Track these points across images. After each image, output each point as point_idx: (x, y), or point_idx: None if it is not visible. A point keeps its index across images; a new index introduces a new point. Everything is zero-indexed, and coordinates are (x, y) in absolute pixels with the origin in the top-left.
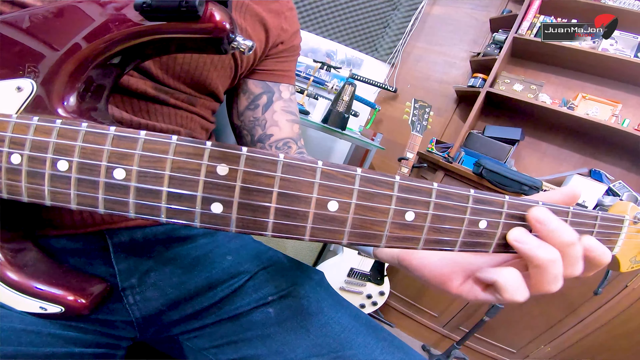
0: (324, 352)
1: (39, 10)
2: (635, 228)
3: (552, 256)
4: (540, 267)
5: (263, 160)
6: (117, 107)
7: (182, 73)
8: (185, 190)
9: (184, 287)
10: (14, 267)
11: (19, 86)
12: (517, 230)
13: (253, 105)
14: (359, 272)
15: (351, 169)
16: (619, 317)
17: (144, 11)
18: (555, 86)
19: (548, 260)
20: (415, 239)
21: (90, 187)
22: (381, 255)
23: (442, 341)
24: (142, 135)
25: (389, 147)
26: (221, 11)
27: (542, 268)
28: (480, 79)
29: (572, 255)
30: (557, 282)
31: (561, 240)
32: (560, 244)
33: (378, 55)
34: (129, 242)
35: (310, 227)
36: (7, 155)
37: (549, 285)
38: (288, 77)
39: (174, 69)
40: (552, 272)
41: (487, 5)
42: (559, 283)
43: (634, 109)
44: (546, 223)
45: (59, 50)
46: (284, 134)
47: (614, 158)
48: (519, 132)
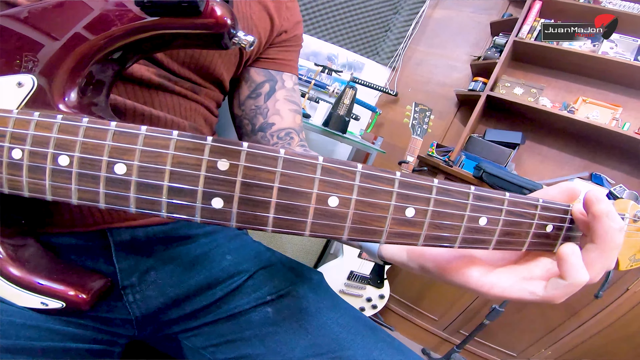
0: (323, 352)
1: (39, 4)
2: (635, 226)
3: (620, 225)
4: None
5: (264, 156)
6: (121, 96)
7: (187, 58)
8: (186, 185)
9: (183, 285)
10: (15, 262)
11: (20, 82)
12: (605, 204)
13: (255, 94)
14: (358, 275)
15: (352, 164)
16: (620, 321)
17: (145, 6)
18: (555, 90)
19: (617, 245)
20: (415, 235)
21: (91, 181)
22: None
23: (442, 345)
24: (142, 130)
25: (390, 150)
26: (222, 6)
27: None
28: (481, 82)
29: (619, 242)
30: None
31: (615, 225)
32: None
33: (379, 58)
34: (130, 241)
35: (310, 223)
36: (8, 150)
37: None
38: (291, 67)
39: (179, 54)
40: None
41: (488, 9)
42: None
43: (634, 112)
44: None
45: (58, 39)
46: (286, 123)
47: (615, 162)
48: (519, 135)
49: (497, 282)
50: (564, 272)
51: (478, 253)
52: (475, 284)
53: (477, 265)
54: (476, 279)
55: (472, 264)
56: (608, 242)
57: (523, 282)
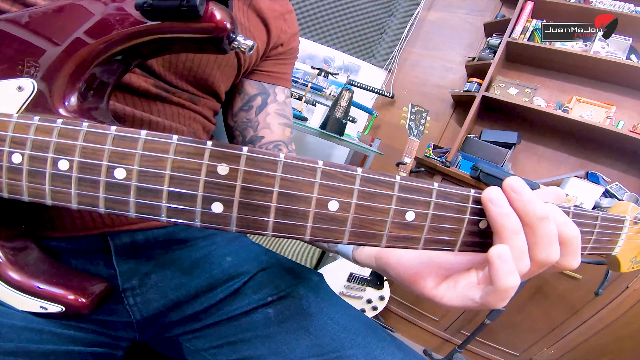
0: (324, 352)
1: (39, 8)
2: (635, 228)
3: (517, 227)
4: (505, 236)
5: (263, 160)
6: (119, 103)
7: (185, 71)
8: (186, 189)
9: (184, 288)
10: (15, 266)
11: (20, 85)
12: (495, 191)
13: (247, 107)
14: (358, 277)
15: (351, 168)
16: (622, 319)
17: (144, 11)
18: (549, 89)
19: (513, 229)
20: (415, 238)
21: (91, 186)
22: (359, 258)
23: (444, 345)
24: (142, 135)
25: (387, 152)
26: (222, 11)
27: (506, 237)
28: (476, 83)
29: (545, 232)
30: (523, 260)
31: (535, 214)
32: (533, 217)
33: (375, 61)
34: (130, 244)
35: (310, 227)
36: (8, 154)
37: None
38: (285, 80)
39: (177, 66)
40: (516, 244)
41: (481, 10)
42: (526, 262)
43: (628, 110)
44: (521, 193)
45: (60, 45)
46: (275, 136)
47: (610, 160)
48: (515, 135)
49: (446, 292)
50: (491, 277)
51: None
52: (429, 294)
53: (432, 276)
54: (429, 289)
55: (428, 274)
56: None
57: (466, 290)
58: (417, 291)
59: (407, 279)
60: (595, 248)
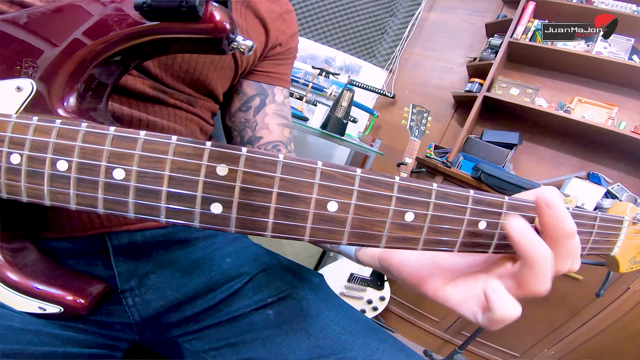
0: (324, 354)
1: (38, 8)
2: (634, 229)
3: (548, 254)
4: (535, 265)
5: (263, 161)
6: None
7: (182, 73)
8: (185, 190)
9: (183, 289)
10: (13, 267)
11: (19, 86)
12: (519, 221)
13: (245, 107)
14: (359, 278)
15: (351, 169)
16: (622, 320)
17: (143, 11)
18: (551, 90)
19: (545, 257)
20: (414, 239)
21: (89, 187)
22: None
23: (444, 346)
24: (141, 135)
25: (388, 152)
26: (221, 11)
27: (536, 266)
28: (477, 83)
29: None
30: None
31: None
32: (562, 235)
33: (376, 61)
34: (129, 245)
35: (310, 228)
36: (6, 155)
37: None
38: (283, 81)
39: (173, 68)
40: (544, 271)
41: (482, 11)
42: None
43: (630, 111)
44: (557, 209)
45: (58, 45)
46: (274, 137)
47: (612, 161)
48: (516, 136)
49: (450, 297)
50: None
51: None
52: (432, 295)
53: (435, 278)
54: (432, 292)
55: (431, 276)
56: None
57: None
58: (419, 292)
59: (411, 280)
60: (594, 248)
